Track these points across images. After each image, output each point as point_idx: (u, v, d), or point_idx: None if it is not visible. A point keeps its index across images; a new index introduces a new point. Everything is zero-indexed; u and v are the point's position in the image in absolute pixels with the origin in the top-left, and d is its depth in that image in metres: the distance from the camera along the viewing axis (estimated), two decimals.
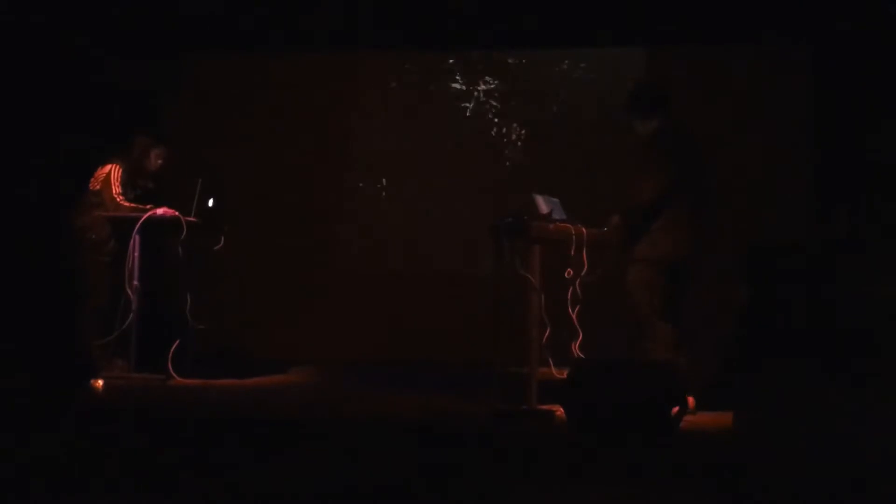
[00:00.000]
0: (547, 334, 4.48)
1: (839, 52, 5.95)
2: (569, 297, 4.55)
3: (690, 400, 4.17)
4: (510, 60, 6.90)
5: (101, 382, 4.79)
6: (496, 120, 6.86)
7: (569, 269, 4.47)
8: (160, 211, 5.21)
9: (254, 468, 3.08)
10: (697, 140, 4.53)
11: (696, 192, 4.38)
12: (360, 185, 6.90)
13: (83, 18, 6.16)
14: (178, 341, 5.21)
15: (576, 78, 6.78)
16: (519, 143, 6.81)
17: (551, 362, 4.65)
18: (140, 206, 5.28)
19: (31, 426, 3.66)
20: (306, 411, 4.49)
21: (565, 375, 4.06)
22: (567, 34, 6.52)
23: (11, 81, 5.95)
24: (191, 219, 5.26)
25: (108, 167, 5.36)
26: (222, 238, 5.52)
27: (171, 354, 5.15)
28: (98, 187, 5.34)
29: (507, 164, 6.79)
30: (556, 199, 4.64)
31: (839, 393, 3.04)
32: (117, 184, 5.31)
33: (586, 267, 4.44)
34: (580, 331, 4.52)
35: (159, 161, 5.52)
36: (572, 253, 4.44)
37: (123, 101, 6.27)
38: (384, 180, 6.90)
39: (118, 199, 5.28)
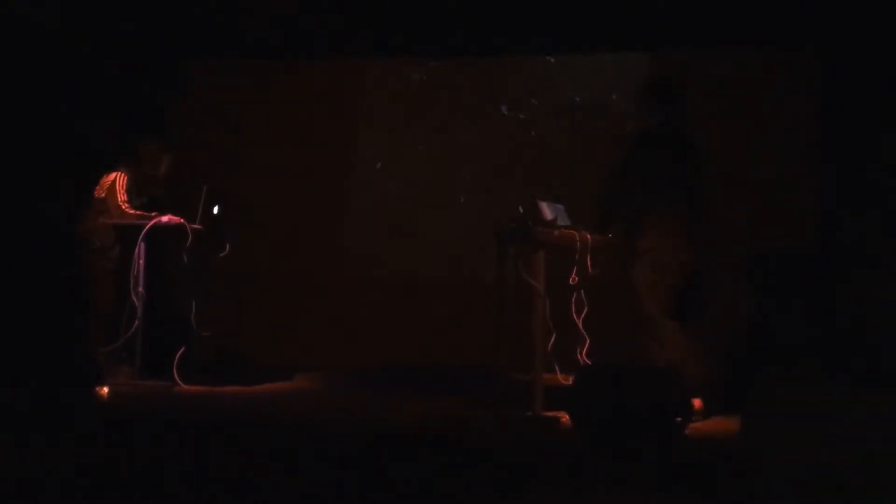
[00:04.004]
0: (552, 340, 4.48)
1: (846, 57, 5.94)
2: (573, 302, 4.56)
3: (697, 402, 4.17)
4: (513, 66, 6.91)
5: (106, 390, 4.80)
6: (500, 126, 6.86)
7: (573, 276, 4.48)
8: (165, 218, 5.22)
9: (260, 475, 3.09)
10: (696, 141, 4.53)
11: (686, 191, 4.39)
12: (364, 190, 6.91)
13: (88, 24, 6.18)
14: (183, 348, 5.21)
15: (580, 84, 6.79)
16: (523, 150, 6.81)
17: (557, 368, 4.66)
18: (145, 214, 5.29)
19: (37, 434, 3.66)
20: (311, 418, 4.49)
21: (570, 382, 4.06)
22: (571, 40, 6.53)
23: (15, 87, 5.96)
24: (196, 226, 5.27)
25: (112, 175, 5.38)
26: (227, 245, 5.53)
27: (176, 361, 5.15)
28: (103, 195, 5.35)
29: (512, 169, 6.79)
30: (560, 206, 4.65)
31: (847, 398, 3.03)
32: (122, 191, 5.33)
33: (591, 272, 4.44)
34: (586, 337, 4.53)
35: (167, 167, 5.54)
36: (577, 259, 4.45)
37: (128, 108, 6.28)
38: (388, 186, 6.91)
39: (123, 207, 5.30)
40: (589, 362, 4.49)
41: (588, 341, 4.52)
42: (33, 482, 2.89)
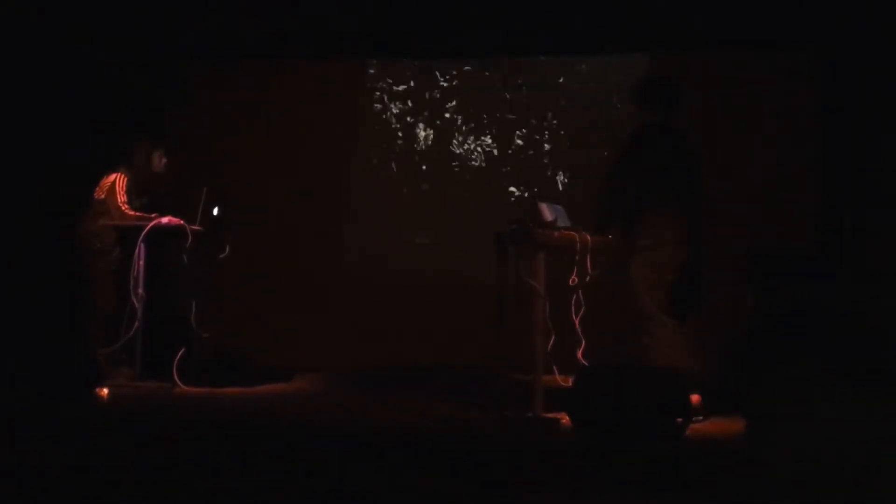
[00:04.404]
0: (552, 341, 4.48)
1: (846, 57, 5.94)
2: (572, 303, 4.56)
3: (695, 398, 4.17)
4: (514, 68, 6.90)
5: (106, 391, 4.80)
6: (501, 127, 6.86)
7: (573, 277, 4.48)
8: (165, 219, 5.21)
9: (260, 476, 3.09)
10: (692, 139, 4.54)
11: (683, 189, 4.40)
12: (364, 190, 6.91)
13: (88, 25, 6.18)
14: (183, 349, 5.21)
15: (580, 85, 6.79)
16: (523, 150, 6.81)
17: (556, 370, 4.65)
18: (145, 215, 5.29)
19: (37, 435, 3.66)
20: (311, 419, 4.50)
21: (570, 383, 4.06)
22: (572, 41, 6.53)
23: (14, 87, 5.96)
24: (196, 227, 5.27)
25: (112, 176, 5.37)
26: (227, 247, 5.52)
27: (176, 362, 5.15)
28: (103, 196, 5.35)
29: (512, 171, 6.79)
30: (560, 207, 4.65)
31: (847, 398, 3.04)
32: (122, 192, 5.33)
33: (590, 274, 4.45)
34: (583, 338, 4.52)
35: (163, 160, 5.52)
36: (577, 260, 4.45)
37: (128, 109, 6.28)
38: (388, 186, 6.91)
39: (123, 208, 5.29)
40: (586, 363, 4.49)
41: (584, 342, 4.52)
42: (33, 483, 2.89)
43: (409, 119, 6.95)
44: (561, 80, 6.82)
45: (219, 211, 5.42)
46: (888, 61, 5.65)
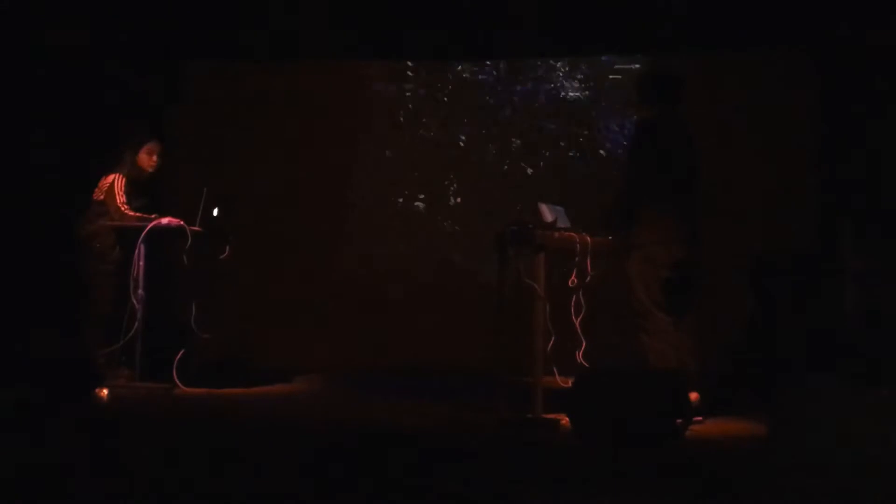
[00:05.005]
0: (552, 343, 4.48)
1: (846, 57, 5.93)
2: (572, 305, 4.56)
3: (694, 395, 4.18)
4: (514, 68, 6.90)
5: (105, 392, 4.80)
6: (500, 127, 6.86)
7: (573, 278, 4.48)
8: (165, 220, 5.21)
9: (259, 477, 3.09)
10: (692, 137, 4.53)
11: (680, 185, 4.41)
12: (365, 192, 6.90)
13: (88, 25, 6.18)
14: (182, 350, 5.21)
15: (578, 86, 6.78)
16: (523, 150, 6.81)
17: (556, 371, 4.65)
18: (145, 216, 5.29)
19: (36, 436, 3.66)
20: (311, 420, 4.50)
21: (570, 384, 4.06)
22: (572, 42, 6.53)
23: (13, 87, 5.96)
24: (195, 228, 5.27)
25: (111, 177, 5.37)
26: (227, 247, 5.52)
27: (176, 363, 5.15)
28: (102, 197, 5.35)
29: (512, 172, 6.79)
30: (560, 207, 4.65)
31: (845, 399, 3.04)
32: (121, 193, 5.32)
33: (590, 275, 4.45)
34: (583, 339, 4.53)
35: (154, 156, 5.49)
36: (577, 261, 4.45)
37: (128, 110, 6.27)
38: (388, 187, 6.90)
39: (123, 209, 5.29)
40: (587, 364, 4.49)
41: (584, 343, 4.52)
42: (33, 483, 2.89)
43: (408, 120, 6.95)
44: (561, 81, 6.82)
45: (219, 212, 5.41)
46: (887, 61, 5.65)
